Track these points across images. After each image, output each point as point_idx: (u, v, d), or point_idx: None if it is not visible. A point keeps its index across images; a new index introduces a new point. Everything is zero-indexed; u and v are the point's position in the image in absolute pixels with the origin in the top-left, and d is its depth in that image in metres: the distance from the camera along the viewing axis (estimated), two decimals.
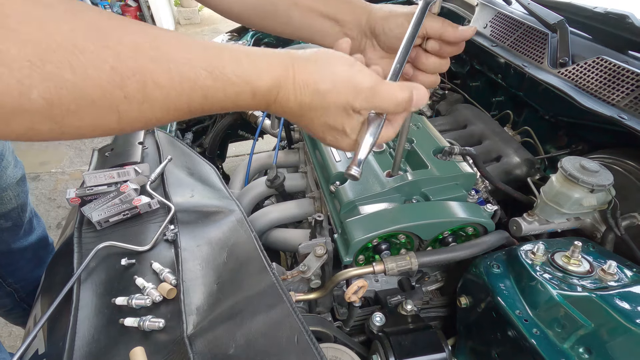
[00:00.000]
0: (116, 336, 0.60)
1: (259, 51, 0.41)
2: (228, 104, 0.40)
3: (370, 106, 0.44)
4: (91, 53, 0.30)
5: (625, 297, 0.58)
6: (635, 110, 0.83)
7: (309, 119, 0.45)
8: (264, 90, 0.40)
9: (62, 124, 0.31)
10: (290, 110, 0.43)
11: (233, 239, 0.75)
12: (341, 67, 0.43)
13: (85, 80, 0.30)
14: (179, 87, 0.35)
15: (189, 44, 0.36)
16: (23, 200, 1.17)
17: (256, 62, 0.39)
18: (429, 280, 0.91)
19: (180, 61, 0.34)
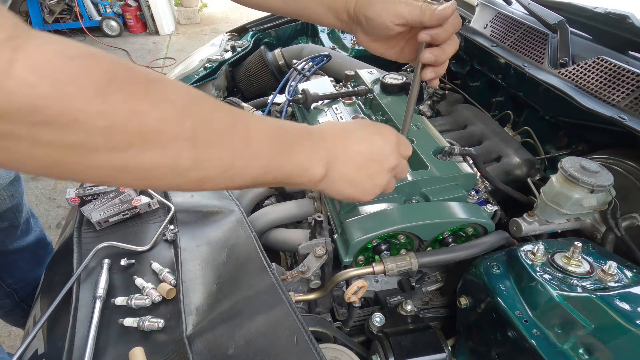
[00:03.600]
0: (115, 336, 0.60)
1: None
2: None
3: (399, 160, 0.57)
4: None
5: (626, 297, 0.58)
6: (636, 111, 0.83)
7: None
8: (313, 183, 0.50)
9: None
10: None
11: (233, 239, 0.75)
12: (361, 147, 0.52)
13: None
14: (247, 174, 0.41)
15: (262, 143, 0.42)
16: (18, 201, 1.17)
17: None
18: (429, 281, 0.91)
19: (254, 157, 0.41)
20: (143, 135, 0.32)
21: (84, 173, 0.32)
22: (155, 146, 0.33)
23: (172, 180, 0.36)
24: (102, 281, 0.66)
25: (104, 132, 0.30)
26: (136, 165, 0.33)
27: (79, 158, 0.30)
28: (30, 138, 0.28)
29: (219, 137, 0.37)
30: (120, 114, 0.30)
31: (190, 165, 0.35)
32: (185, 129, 0.34)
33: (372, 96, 1.13)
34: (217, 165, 0.37)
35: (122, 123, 0.30)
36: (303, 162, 0.45)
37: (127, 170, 0.33)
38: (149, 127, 0.32)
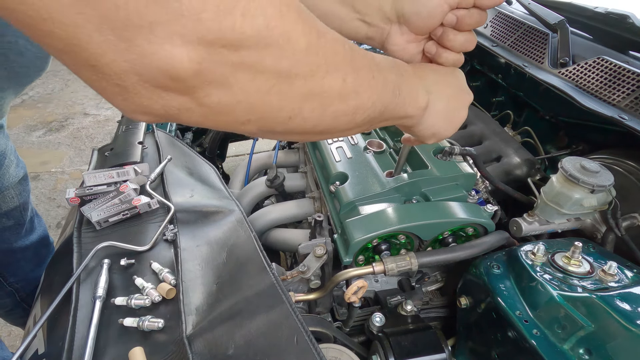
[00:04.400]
0: (115, 336, 0.60)
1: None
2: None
3: None
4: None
5: (626, 298, 0.58)
6: (636, 111, 0.83)
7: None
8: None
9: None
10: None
11: (233, 239, 0.75)
12: (449, 78, 0.53)
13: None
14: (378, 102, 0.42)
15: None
16: (25, 200, 1.17)
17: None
18: (429, 281, 0.90)
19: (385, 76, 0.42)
20: (326, 57, 0.34)
21: (279, 106, 0.33)
22: (333, 69, 0.34)
23: (338, 108, 0.37)
24: (102, 281, 0.65)
25: (305, 54, 0.31)
26: (320, 90, 0.34)
27: (283, 87, 0.32)
28: (254, 67, 0.29)
29: (363, 62, 0.39)
30: (312, 35, 0.32)
31: (351, 89, 0.37)
32: (346, 51, 0.36)
33: None
34: (366, 89, 0.39)
35: (314, 44, 0.32)
36: (412, 89, 0.46)
37: (312, 97, 0.34)
38: (328, 48, 0.34)
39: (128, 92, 0.27)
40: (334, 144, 0.95)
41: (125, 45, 0.24)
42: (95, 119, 3.62)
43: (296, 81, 0.32)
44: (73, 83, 4.30)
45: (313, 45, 0.32)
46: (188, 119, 0.31)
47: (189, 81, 0.27)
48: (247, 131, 0.35)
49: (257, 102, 0.31)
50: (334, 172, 0.86)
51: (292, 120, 0.35)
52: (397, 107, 0.45)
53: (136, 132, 1.05)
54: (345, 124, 0.40)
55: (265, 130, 0.36)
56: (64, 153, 3.13)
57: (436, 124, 0.52)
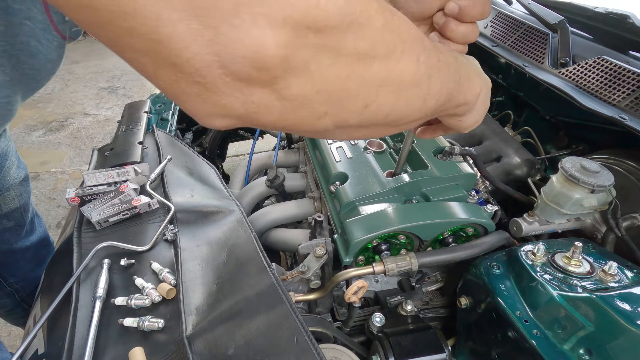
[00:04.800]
0: (115, 336, 0.60)
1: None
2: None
3: None
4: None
5: (626, 298, 0.58)
6: (636, 111, 0.83)
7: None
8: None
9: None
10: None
11: (233, 239, 0.75)
12: (478, 65, 0.49)
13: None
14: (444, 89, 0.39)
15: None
16: (25, 201, 1.17)
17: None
18: (429, 281, 0.90)
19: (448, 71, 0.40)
20: (401, 35, 0.31)
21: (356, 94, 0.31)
22: (408, 48, 0.32)
23: (411, 93, 0.35)
24: (102, 281, 0.65)
25: (382, 32, 0.29)
26: (396, 73, 0.32)
27: (361, 71, 0.30)
28: (335, 50, 0.27)
29: (428, 43, 0.36)
30: (386, 13, 0.30)
31: (424, 71, 0.34)
32: (415, 30, 0.34)
33: None
34: (435, 72, 0.36)
35: (389, 22, 0.30)
36: (468, 73, 0.44)
37: (389, 82, 0.32)
38: (401, 26, 0.32)
39: (208, 90, 0.26)
40: (334, 144, 0.95)
41: (211, 34, 0.23)
42: (95, 119, 3.62)
43: (374, 63, 0.30)
44: (73, 83, 4.30)
45: (389, 22, 0.30)
46: (266, 118, 0.29)
47: (273, 70, 0.26)
48: (322, 127, 0.33)
49: (336, 89, 0.30)
50: (334, 172, 0.86)
51: (367, 109, 0.33)
52: (459, 93, 0.42)
53: (136, 132, 1.05)
54: (417, 111, 0.37)
55: (339, 124, 0.34)
56: (64, 153, 3.13)
57: (481, 110, 0.49)
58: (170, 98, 0.27)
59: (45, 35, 0.75)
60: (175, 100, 0.27)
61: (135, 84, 4.33)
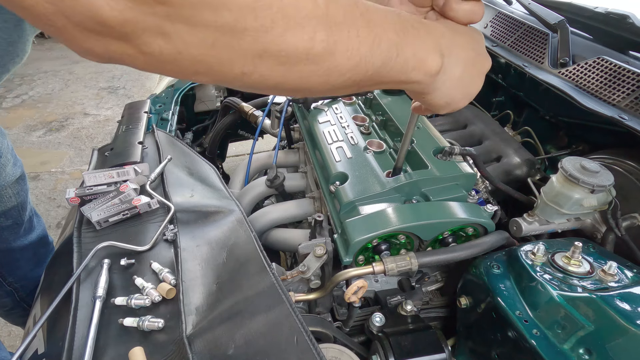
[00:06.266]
0: (115, 336, 0.60)
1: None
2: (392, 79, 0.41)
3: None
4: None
5: (626, 298, 0.58)
6: (636, 111, 0.83)
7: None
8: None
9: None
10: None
11: (233, 239, 0.75)
12: (468, 40, 0.45)
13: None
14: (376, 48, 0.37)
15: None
16: (23, 199, 1.17)
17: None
18: (429, 281, 0.90)
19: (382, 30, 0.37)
20: (284, 11, 0.30)
21: (229, 61, 0.31)
22: (294, 25, 0.31)
23: (305, 68, 0.34)
24: (102, 281, 0.65)
25: (252, 8, 0.29)
26: (277, 48, 0.31)
27: (229, 41, 0.29)
28: (191, 20, 0.27)
29: (345, 16, 0.34)
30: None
31: (323, 49, 0.33)
32: (318, 4, 0.32)
33: (372, 96, 1.12)
34: (344, 50, 0.35)
35: (266, 0, 0.29)
36: (420, 50, 0.40)
37: (268, 55, 0.31)
38: (288, 2, 0.30)
39: (64, 34, 0.27)
40: (334, 144, 0.95)
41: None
42: (95, 119, 3.62)
43: (245, 36, 0.29)
44: (73, 83, 4.30)
45: (263, 0, 0.29)
46: (134, 65, 0.30)
47: (118, 29, 0.26)
48: (201, 81, 0.33)
49: (202, 54, 0.30)
50: (334, 172, 0.86)
51: (247, 77, 0.32)
52: (394, 71, 0.39)
53: (136, 132, 1.05)
54: (318, 85, 0.36)
55: (222, 83, 0.34)
56: (64, 153, 3.13)
57: (451, 92, 0.45)
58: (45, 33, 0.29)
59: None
60: (49, 35, 0.28)
61: (135, 83, 4.33)
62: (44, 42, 5.22)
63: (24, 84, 4.20)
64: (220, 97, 1.67)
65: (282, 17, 0.30)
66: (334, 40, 0.33)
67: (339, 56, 0.34)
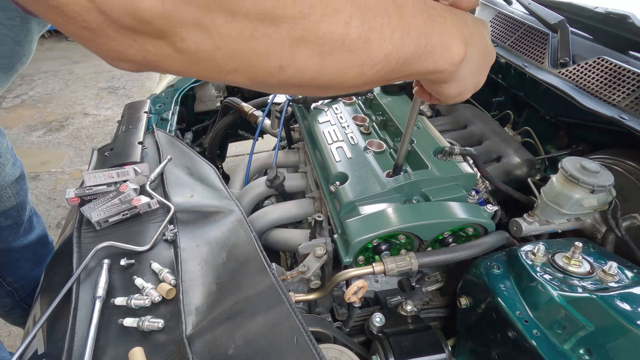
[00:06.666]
0: (115, 336, 0.60)
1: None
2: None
3: None
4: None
5: (626, 298, 0.58)
6: (636, 111, 0.83)
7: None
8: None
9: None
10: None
11: (233, 239, 0.75)
12: (483, 30, 0.45)
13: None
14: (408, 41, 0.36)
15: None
16: (22, 199, 1.17)
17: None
18: (429, 281, 0.90)
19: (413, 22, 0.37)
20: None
21: (267, 53, 0.30)
22: (331, 10, 0.30)
23: (341, 58, 0.33)
24: (101, 281, 0.65)
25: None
26: (315, 36, 0.30)
27: (267, 30, 0.29)
28: (230, 8, 0.27)
29: (378, 2, 0.33)
30: None
31: (358, 36, 0.32)
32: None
33: (372, 96, 1.12)
34: (378, 37, 0.34)
35: None
36: (447, 38, 0.40)
37: (306, 43, 0.31)
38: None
39: (98, 35, 0.25)
40: (334, 144, 0.95)
41: None
42: (95, 119, 3.62)
43: (283, 24, 0.29)
44: (73, 83, 4.30)
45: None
46: (169, 68, 0.29)
47: (156, 23, 0.25)
48: (237, 82, 0.32)
49: (240, 48, 0.29)
50: (334, 172, 0.86)
51: (284, 71, 0.32)
52: (422, 59, 0.38)
53: (136, 132, 1.05)
54: (353, 77, 0.35)
55: (257, 82, 0.32)
56: (64, 153, 3.13)
57: (467, 81, 0.45)
58: (73, 39, 0.27)
59: (6, 14, 0.72)
60: (77, 42, 0.27)
61: (135, 84, 4.33)
62: (44, 42, 5.22)
63: (24, 84, 4.20)
64: (220, 97, 1.67)
65: (320, 3, 0.29)
66: (368, 27, 0.33)
67: (372, 44, 0.34)
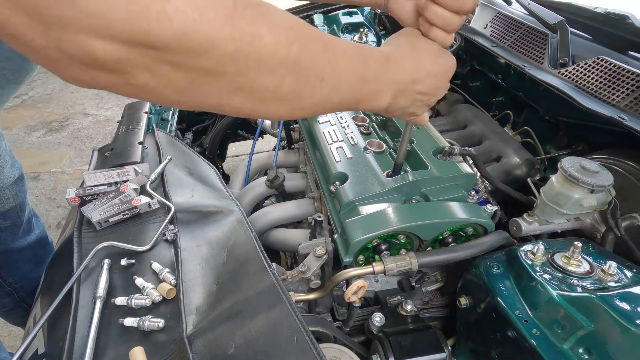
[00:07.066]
0: (116, 336, 0.60)
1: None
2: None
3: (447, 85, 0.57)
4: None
5: (625, 297, 0.58)
6: (636, 111, 0.83)
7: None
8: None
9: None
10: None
11: (233, 239, 0.75)
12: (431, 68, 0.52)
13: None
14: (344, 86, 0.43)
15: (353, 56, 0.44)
16: (21, 200, 1.17)
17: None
18: (429, 281, 0.91)
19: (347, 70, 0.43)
20: (259, 60, 0.34)
21: (207, 95, 0.34)
22: (266, 71, 0.35)
23: (273, 104, 0.38)
24: (102, 281, 0.65)
25: (231, 57, 0.32)
26: (249, 87, 0.35)
27: (206, 82, 0.33)
28: (176, 63, 0.30)
29: (313, 63, 0.38)
30: (244, 40, 0.32)
31: (290, 91, 0.37)
32: (291, 53, 0.36)
33: None
34: (309, 91, 0.39)
35: (245, 48, 0.32)
36: (374, 93, 0.47)
37: (242, 92, 0.35)
38: (265, 52, 0.34)
39: (56, 63, 0.28)
40: (334, 144, 0.96)
41: (43, 28, 0.26)
42: (95, 119, 3.62)
43: (222, 77, 0.33)
44: None
45: (242, 50, 0.32)
46: (118, 92, 0.32)
47: (110, 65, 0.29)
48: (182, 108, 0.38)
49: (184, 88, 0.33)
50: (334, 172, 0.87)
51: (223, 107, 0.36)
52: (349, 105, 0.46)
53: (136, 132, 1.06)
54: (287, 115, 0.41)
55: (200, 109, 0.37)
56: (64, 153, 3.13)
57: (395, 114, 0.53)
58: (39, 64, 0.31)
59: None
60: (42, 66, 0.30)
61: None
62: None
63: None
64: None
65: (256, 65, 0.34)
66: (301, 83, 0.38)
67: (304, 96, 0.39)
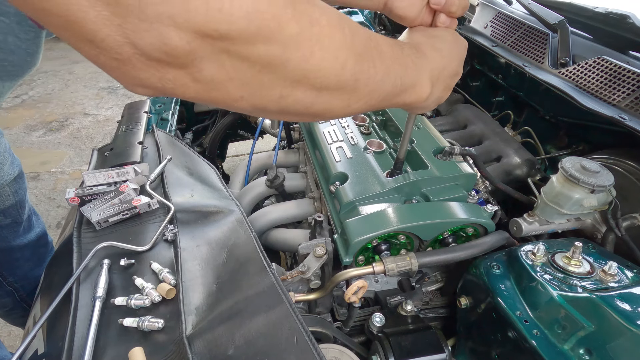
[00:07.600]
0: (115, 336, 0.60)
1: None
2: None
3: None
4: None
5: (626, 298, 0.58)
6: (636, 111, 0.83)
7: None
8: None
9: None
10: None
11: (233, 239, 0.75)
12: (453, 64, 0.53)
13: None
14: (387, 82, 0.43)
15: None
16: (21, 197, 1.17)
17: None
18: (429, 281, 0.90)
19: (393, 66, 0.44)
20: (321, 43, 0.34)
21: (271, 84, 0.34)
22: (330, 55, 0.35)
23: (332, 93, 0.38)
24: (101, 281, 0.65)
25: (295, 41, 0.32)
26: (314, 75, 0.35)
27: (274, 68, 0.33)
28: (246, 53, 0.30)
29: (365, 48, 0.38)
30: (304, 22, 0.32)
31: (350, 76, 0.37)
32: (346, 36, 0.36)
33: None
34: (365, 77, 0.39)
35: (306, 30, 0.32)
36: (417, 81, 0.47)
37: (306, 80, 0.35)
38: (324, 34, 0.34)
39: (125, 65, 0.28)
40: (334, 144, 0.95)
41: (120, 20, 0.26)
42: (95, 119, 3.62)
43: (288, 64, 0.33)
44: (73, 83, 4.30)
45: (305, 31, 0.32)
46: (184, 94, 0.32)
47: (182, 58, 0.29)
48: (240, 108, 0.36)
49: (249, 79, 0.33)
50: (334, 172, 0.86)
51: (284, 99, 0.36)
52: (397, 96, 0.45)
53: (136, 132, 1.05)
54: (340, 109, 0.40)
55: (259, 108, 0.37)
56: (64, 153, 3.13)
57: (430, 106, 0.55)
58: (99, 67, 0.30)
59: (22, 28, 0.75)
60: (102, 69, 0.30)
61: None
62: (44, 42, 5.21)
63: (24, 84, 4.20)
64: None
65: (320, 48, 0.34)
66: (359, 69, 0.38)
67: (360, 83, 0.39)
